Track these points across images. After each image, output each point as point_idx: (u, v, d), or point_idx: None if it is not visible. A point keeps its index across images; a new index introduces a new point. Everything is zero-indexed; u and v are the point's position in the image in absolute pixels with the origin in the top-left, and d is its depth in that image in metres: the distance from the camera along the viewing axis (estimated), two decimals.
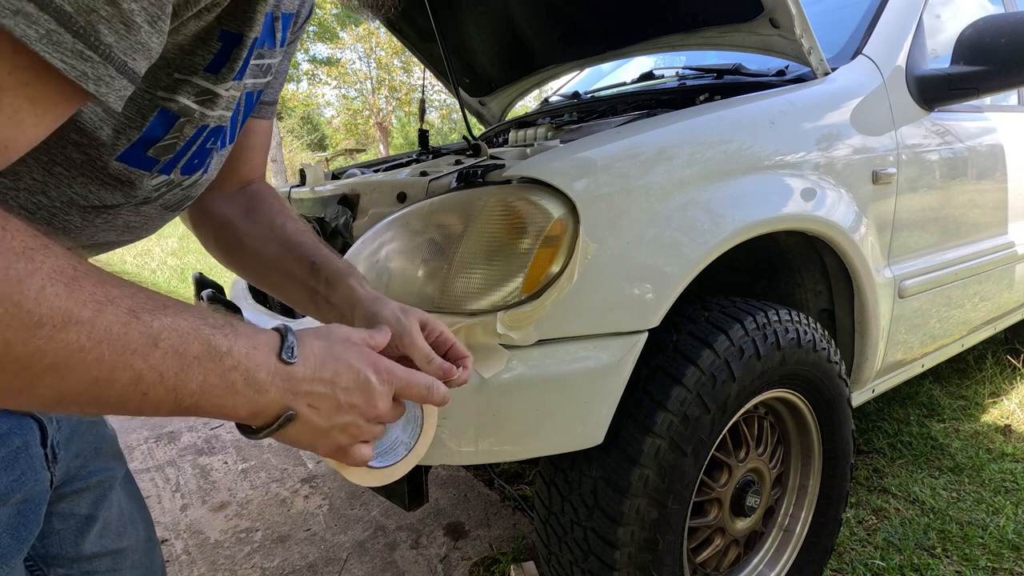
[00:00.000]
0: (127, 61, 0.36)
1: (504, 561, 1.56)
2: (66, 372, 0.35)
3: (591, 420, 0.94)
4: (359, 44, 19.36)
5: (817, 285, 1.46)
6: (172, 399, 0.40)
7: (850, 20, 1.62)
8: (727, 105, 1.18)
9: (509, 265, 0.92)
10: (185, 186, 0.55)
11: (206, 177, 0.58)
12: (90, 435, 0.65)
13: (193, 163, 0.53)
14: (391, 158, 2.08)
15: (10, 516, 0.51)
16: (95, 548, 0.65)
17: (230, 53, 0.46)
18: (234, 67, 0.47)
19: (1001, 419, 2.28)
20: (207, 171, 0.57)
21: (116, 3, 0.33)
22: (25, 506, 0.52)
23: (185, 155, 0.51)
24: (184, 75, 0.45)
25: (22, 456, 0.52)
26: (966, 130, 1.71)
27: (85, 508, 0.64)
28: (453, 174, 1.12)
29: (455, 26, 2.03)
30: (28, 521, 0.52)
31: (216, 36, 0.45)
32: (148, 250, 7.29)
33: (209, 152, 0.54)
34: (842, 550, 1.57)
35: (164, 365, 0.39)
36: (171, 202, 0.56)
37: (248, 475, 2.10)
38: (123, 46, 0.35)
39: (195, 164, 0.53)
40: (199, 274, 1.44)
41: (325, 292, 0.69)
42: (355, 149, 16.71)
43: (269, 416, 0.46)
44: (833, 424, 1.32)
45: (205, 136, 0.51)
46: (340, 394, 0.49)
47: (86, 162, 0.45)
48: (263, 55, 0.58)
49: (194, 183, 0.57)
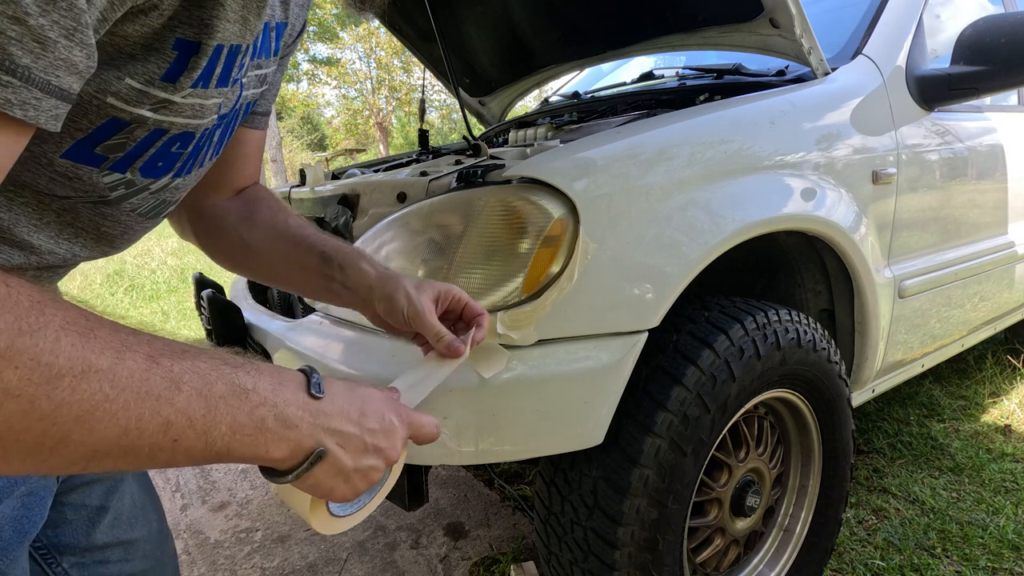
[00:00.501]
0: (50, 80, 0.34)
1: (504, 561, 1.56)
2: (93, 424, 0.35)
3: (591, 420, 0.94)
4: (359, 44, 19.36)
5: (817, 285, 1.46)
6: (203, 443, 0.40)
7: (850, 20, 1.62)
8: (727, 105, 1.18)
9: (509, 265, 0.92)
10: (154, 190, 0.53)
11: (179, 183, 0.55)
12: None
13: (157, 166, 0.51)
14: (391, 158, 2.08)
15: (14, 509, 0.51)
16: (107, 538, 0.67)
17: (187, 62, 0.44)
18: (192, 75, 0.45)
19: (1001, 419, 2.28)
20: (179, 176, 0.54)
21: (23, 22, 0.31)
22: (30, 499, 0.53)
23: (141, 156, 0.49)
24: (138, 83, 0.43)
25: None
26: (966, 130, 1.71)
27: (97, 499, 0.66)
28: (453, 174, 1.12)
29: (455, 26, 2.03)
30: (32, 514, 0.53)
31: (170, 45, 0.43)
32: (148, 250, 7.29)
33: (176, 156, 0.51)
34: (842, 550, 1.57)
35: (190, 408, 0.38)
36: (144, 208, 0.55)
37: (248, 475, 2.10)
38: (42, 65, 0.33)
39: (160, 167, 0.51)
40: (199, 274, 1.44)
41: (341, 278, 0.71)
42: (355, 149, 16.73)
43: (299, 455, 0.45)
44: (833, 424, 1.32)
45: (167, 140, 0.49)
46: (367, 436, 0.49)
47: (30, 158, 0.44)
48: (261, 65, 0.58)
49: (164, 187, 0.54)
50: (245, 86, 0.57)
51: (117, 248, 0.57)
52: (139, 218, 0.55)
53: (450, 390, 0.87)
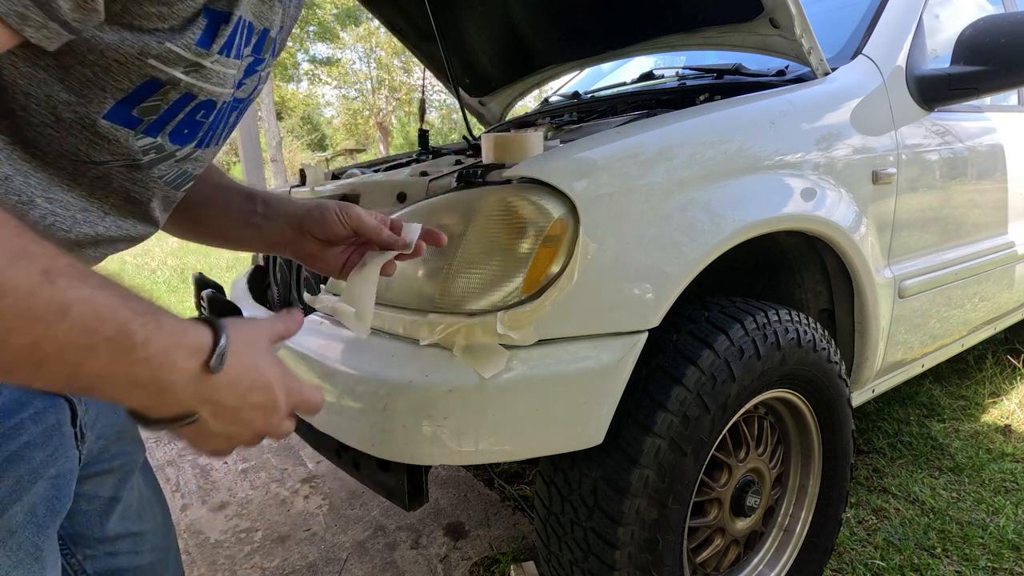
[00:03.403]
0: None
1: (504, 561, 1.56)
2: None
3: (591, 420, 0.94)
4: (359, 44, 19.37)
5: (817, 285, 1.46)
6: (66, 376, 0.37)
7: (850, 20, 1.62)
8: (727, 105, 1.18)
9: (509, 265, 0.92)
10: (179, 158, 0.56)
11: (200, 153, 0.58)
12: (112, 419, 0.66)
13: (183, 132, 0.53)
14: (391, 158, 2.08)
15: (46, 489, 0.52)
16: (118, 529, 0.68)
17: (216, 29, 0.48)
18: (219, 42, 0.49)
19: (1001, 419, 2.28)
20: (201, 146, 0.57)
21: None
22: (59, 480, 0.54)
23: (172, 120, 0.51)
24: (177, 47, 0.46)
25: (56, 434, 0.53)
26: (966, 130, 1.71)
27: (109, 490, 0.67)
28: (453, 174, 1.12)
29: (455, 26, 2.03)
30: (61, 495, 0.54)
31: (202, 14, 0.47)
32: (148, 250, 7.30)
33: (199, 125, 0.54)
34: (842, 550, 1.57)
35: (68, 339, 0.36)
36: (170, 176, 0.57)
37: (248, 475, 2.10)
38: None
39: (185, 135, 0.54)
40: (199, 274, 1.45)
41: (263, 210, 0.72)
42: (355, 149, 16.73)
43: (166, 413, 0.43)
44: (833, 424, 1.32)
45: (194, 107, 0.52)
46: (245, 410, 0.47)
47: (75, 121, 0.46)
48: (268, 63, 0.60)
49: (187, 157, 0.57)
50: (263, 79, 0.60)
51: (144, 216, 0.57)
52: (164, 186, 0.57)
53: (450, 390, 0.87)
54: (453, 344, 0.90)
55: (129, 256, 6.82)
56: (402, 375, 0.90)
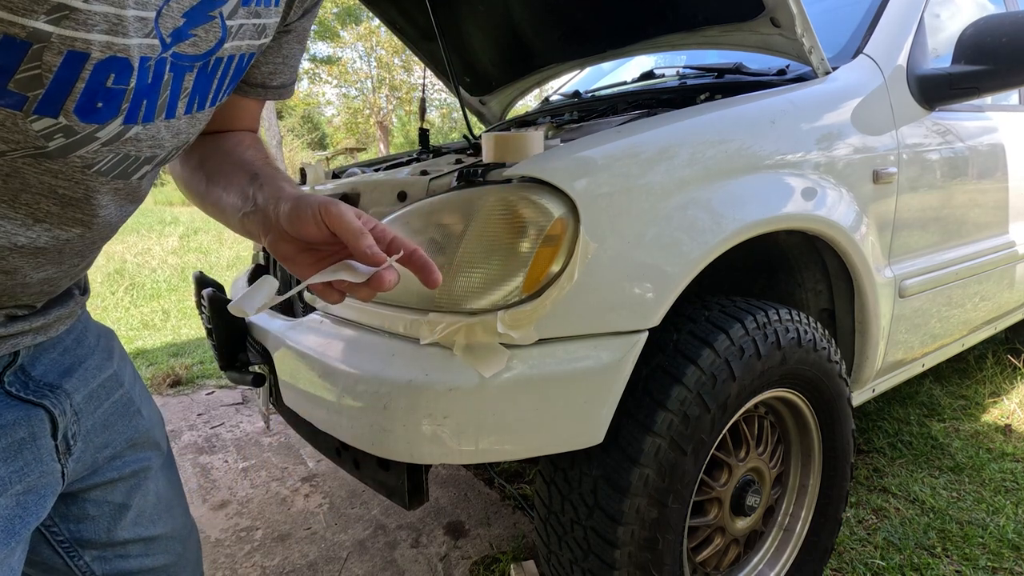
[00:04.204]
0: None
1: (504, 560, 1.56)
2: None
3: (591, 419, 0.94)
4: (360, 43, 19.36)
5: (817, 285, 1.46)
6: None
7: (851, 19, 1.62)
8: (728, 104, 1.18)
9: (509, 264, 0.92)
10: (105, 140, 0.44)
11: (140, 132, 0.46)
12: (124, 428, 0.66)
13: (96, 107, 0.42)
14: (391, 157, 2.08)
15: (6, 507, 0.51)
16: (128, 534, 0.67)
17: None
18: None
19: (1001, 419, 2.28)
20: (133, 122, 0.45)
21: None
22: (26, 497, 0.52)
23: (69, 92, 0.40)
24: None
25: (27, 447, 0.52)
26: (967, 130, 1.71)
27: (119, 497, 0.66)
28: (453, 173, 1.12)
29: (456, 25, 2.03)
30: (27, 513, 0.52)
31: None
32: (148, 249, 7.30)
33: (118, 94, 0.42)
34: (842, 549, 1.57)
35: None
36: (104, 165, 0.46)
37: (248, 474, 2.11)
38: None
39: (100, 109, 0.42)
40: (199, 273, 1.45)
41: (255, 194, 0.60)
42: (355, 148, 16.69)
43: None
44: (833, 423, 1.32)
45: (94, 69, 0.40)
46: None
47: None
48: (260, 13, 0.52)
49: (120, 138, 0.45)
50: (232, 32, 0.49)
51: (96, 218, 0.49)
52: (100, 177, 0.47)
53: (450, 389, 0.87)
54: (453, 343, 0.90)
55: (129, 255, 6.82)
56: (402, 374, 0.90)
